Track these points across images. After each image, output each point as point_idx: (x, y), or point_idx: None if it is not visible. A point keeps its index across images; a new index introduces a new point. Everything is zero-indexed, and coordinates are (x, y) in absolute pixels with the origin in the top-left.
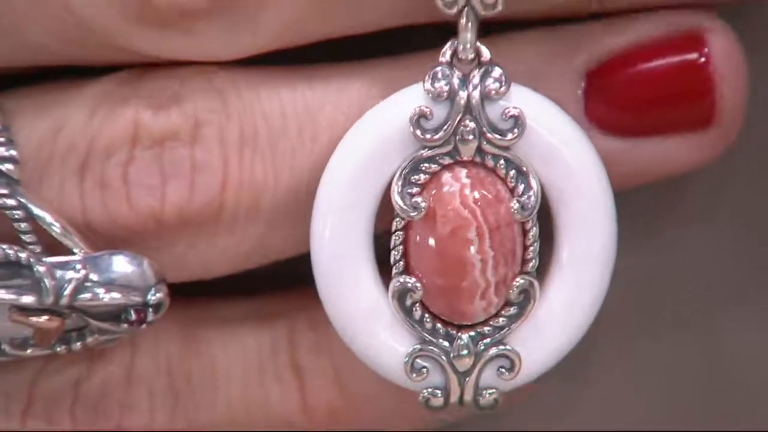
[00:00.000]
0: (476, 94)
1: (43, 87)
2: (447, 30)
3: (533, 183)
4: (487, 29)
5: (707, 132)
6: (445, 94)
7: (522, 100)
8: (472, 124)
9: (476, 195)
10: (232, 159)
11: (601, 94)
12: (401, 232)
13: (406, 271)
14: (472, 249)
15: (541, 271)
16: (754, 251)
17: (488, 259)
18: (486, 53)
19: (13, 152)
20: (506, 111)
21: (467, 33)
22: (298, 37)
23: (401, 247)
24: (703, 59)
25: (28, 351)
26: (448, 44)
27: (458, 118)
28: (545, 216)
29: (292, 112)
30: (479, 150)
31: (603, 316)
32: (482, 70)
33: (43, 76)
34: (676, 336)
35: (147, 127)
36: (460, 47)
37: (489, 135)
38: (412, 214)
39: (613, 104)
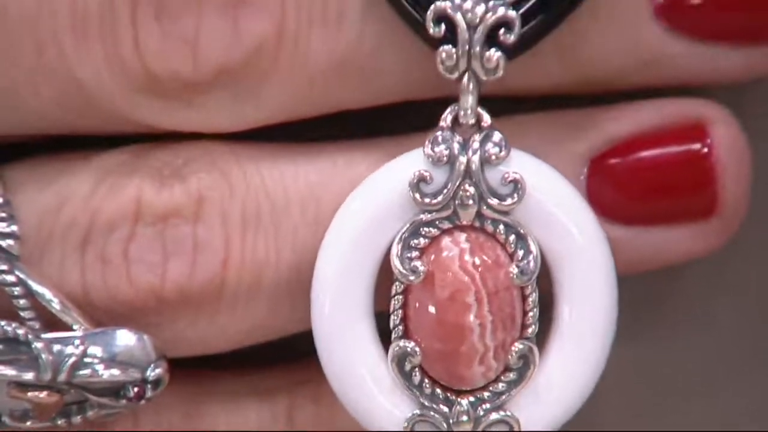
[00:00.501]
0: (476, 158)
1: (46, 159)
2: (444, 104)
3: (533, 248)
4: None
5: (710, 222)
6: (445, 158)
7: (521, 165)
8: (471, 189)
9: (475, 260)
10: (234, 237)
11: (604, 181)
12: (400, 296)
13: (406, 335)
14: (471, 313)
15: (541, 337)
16: (756, 336)
17: (487, 324)
18: (487, 118)
19: (13, 228)
20: (506, 176)
21: (468, 98)
22: (301, 110)
23: (400, 311)
24: (705, 150)
25: (28, 423)
26: (449, 109)
27: (458, 183)
28: (545, 281)
29: (294, 191)
30: (479, 214)
31: (605, 398)
32: (482, 134)
33: (47, 144)
34: (678, 420)
35: (149, 204)
36: (461, 112)
37: (489, 200)
38: (411, 278)
39: (615, 191)
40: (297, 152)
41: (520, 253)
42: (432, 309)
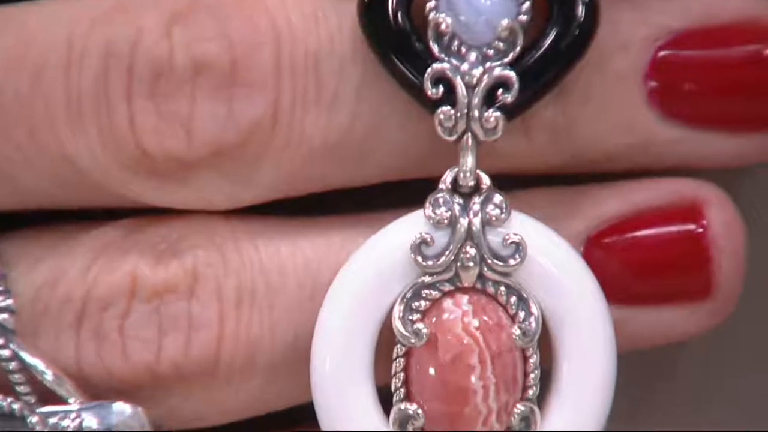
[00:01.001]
0: (477, 220)
1: (42, 231)
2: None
3: (534, 309)
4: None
5: (705, 303)
6: (446, 220)
7: (522, 226)
8: (473, 251)
9: (477, 322)
10: (230, 314)
11: (600, 259)
12: (402, 359)
13: (408, 398)
14: (474, 376)
15: (542, 396)
16: (753, 416)
17: (490, 386)
18: (486, 180)
19: (9, 302)
20: (507, 238)
21: (468, 159)
22: (295, 189)
23: (402, 374)
24: (700, 230)
25: None
26: (448, 171)
27: (459, 245)
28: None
29: (291, 268)
30: (480, 276)
31: None
32: (483, 196)
33: (43, 213)
34: None
35: (145, 280)
36: (461, 174)
37: (490, 261)
38: (413, 340)
39: (610, 270)
40: (293, 228)
41: (522, 314)
42: (434, 371)
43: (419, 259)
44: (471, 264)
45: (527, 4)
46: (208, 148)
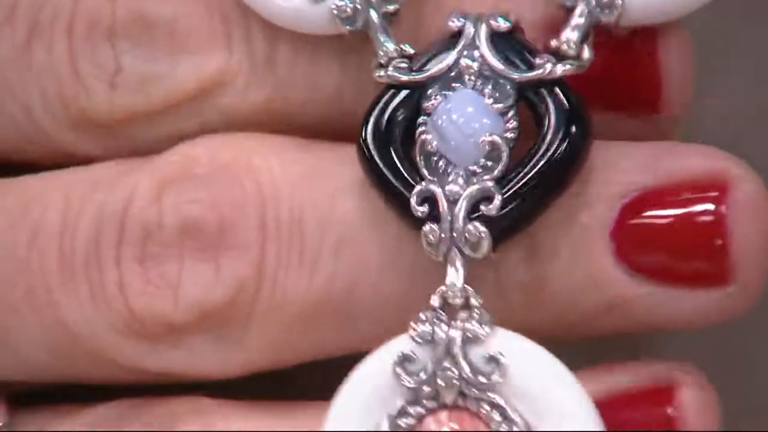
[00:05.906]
0: (458, 338)
1: (36, 410)
2: None
3: (516, 427)
4: None
5: None
6: (429, 336)
7: (505, 343)
8: (453, 368)
9: None
10: None
11: None
12: None
13: None
14: None
15: None
16: None
17: None
18: (475, 299)
19: None
20: (488, 354)
21: (453, 276)
22: (283, 356)
23: None
24: (676, 414)
25: None
26: (438, 290)
27: (440, 362)
28: None
29: None
30: (461, 393)
31: None
32: (466, 314)
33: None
34: None
35: None
36: (449, 292)
37: (470, 379)
38: None
39: None
40: (282, 412)
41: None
42: None
43: (402, 374)
44: (451, 381)
45: (513, 123)
46: (195, 309)
